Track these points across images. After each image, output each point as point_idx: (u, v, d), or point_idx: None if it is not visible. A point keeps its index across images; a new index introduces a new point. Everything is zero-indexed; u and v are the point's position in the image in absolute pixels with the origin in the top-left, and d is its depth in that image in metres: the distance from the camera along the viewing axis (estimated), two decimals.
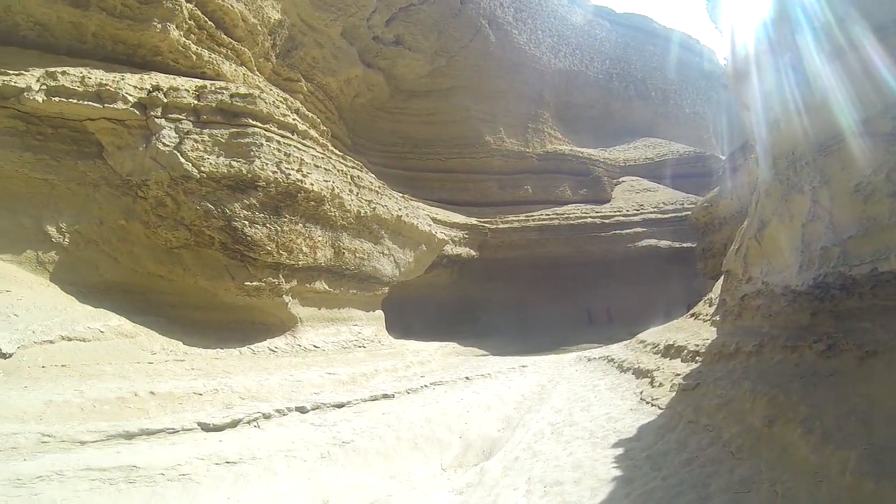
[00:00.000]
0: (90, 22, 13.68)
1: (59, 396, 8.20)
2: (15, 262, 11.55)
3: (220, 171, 12.22)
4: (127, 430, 7.82)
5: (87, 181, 12.30)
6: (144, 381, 9.55)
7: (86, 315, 10.63)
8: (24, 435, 7.01)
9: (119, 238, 12.37)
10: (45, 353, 9.24)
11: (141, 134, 12.31)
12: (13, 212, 12.02)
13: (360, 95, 27.76)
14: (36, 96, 12.02)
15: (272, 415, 9.68)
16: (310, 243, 14.18)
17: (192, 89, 13.11)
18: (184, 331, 12.13)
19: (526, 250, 32.24)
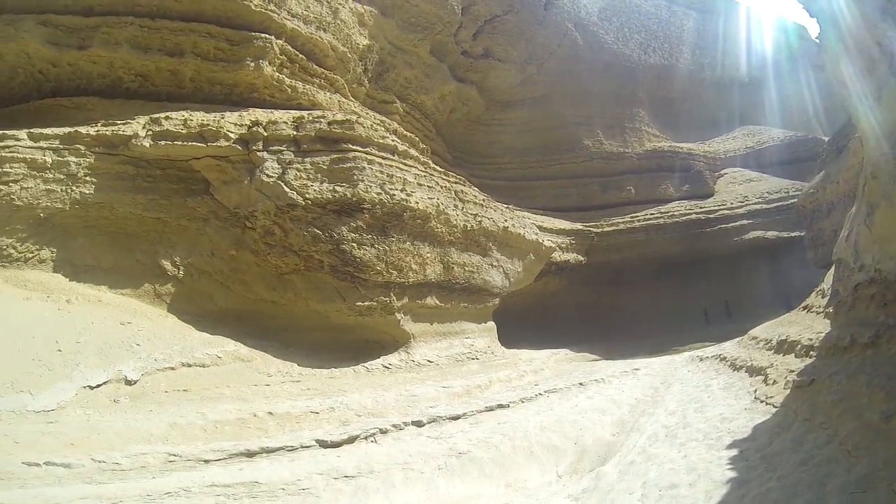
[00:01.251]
0: (186, 68, 14.58)
1: (183, 419, 8.66)
2: (134, 296, 12.48)
3: (325, 196, 12.45)
4: (248, 448, 8.11)
5: (196, 216, 12.92)
6: (262, 403, 9.84)
7: (203, 342, 11.21)
8: (152, 455, 7.44)
9: (231, 268, 12.88)
10: (168, 380, 9.87)
11: (245, 168, 12.75)
12: (130, 250, 12.91)
13: (455, 111, 27.86)
14: (143, 142, 12.85)
15: (389, 429, 9.76)
16: (419, 260, 14.20)
17: (291, 121, 13.48)
18: (298, 353, 12.46)
19: (633, 252, 31.41)
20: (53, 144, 13.37)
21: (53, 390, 8.95)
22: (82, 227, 13.16)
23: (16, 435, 7.64)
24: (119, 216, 12.93)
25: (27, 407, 8.47)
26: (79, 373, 9.45)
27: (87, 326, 10.95)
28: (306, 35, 15.99)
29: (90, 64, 15.04)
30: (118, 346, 10.42)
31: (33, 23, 15.27)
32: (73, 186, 13.01)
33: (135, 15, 14.94)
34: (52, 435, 7.77)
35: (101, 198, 12.96)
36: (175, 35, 14.75)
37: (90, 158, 13.14)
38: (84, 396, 9.01)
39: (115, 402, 9.13)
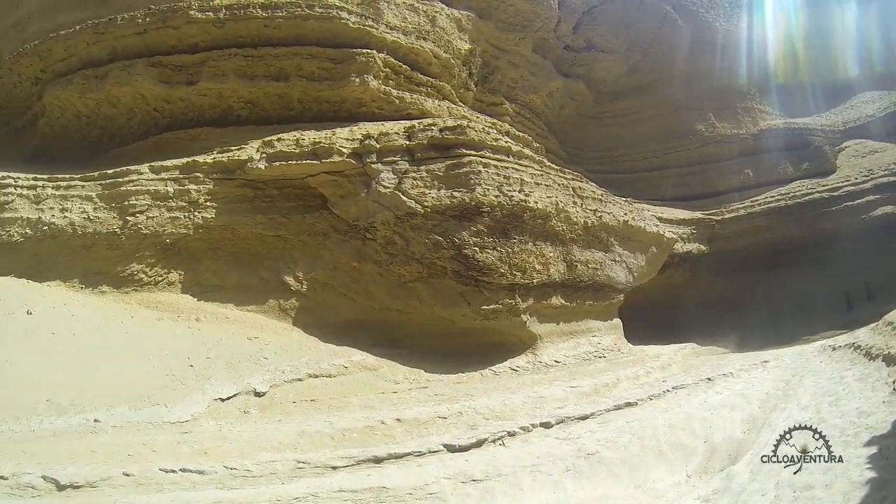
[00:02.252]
0: (293, 90, 15.09)
1: (311, 427, 8.92)
2: (260, 312, 13.06)
3: (444, 203, 12.46)
4: (376, 454, 8.13)
5: (316, 231, 13.32)
6: (390, 410, 9.93)
7: (329, 353, 11.62)
8: (281, 462, 7.65)
9: (353, 279, 13.16)
10: (295, 391, 10.25)
11: (361, 181, 13.00)
12: (254, 268, 13.51)
13: (564, 107, 27.47)
14: (258, 164, 13.35)
15: (517, 432, 9.62)
16: (542, 260, 13.96)
17: (402, 131, 13.66)
18: (425, 359, 12.54)
19: (756, 237, 30.00)
20: (174, 175, 14.17)
21: (187, 403, 9.48)
22: (207, 249, 13.83)
23: (153, 444, 8.13)
24: (241, 237, 13.49)
25: (163, 418, 9.04)
26: (210, 386, 9.98)
27: (216, 343, 11.69)
28: (407, 46, 16.19)
29: (201, 97, 15.79)
30: (246, 360, 10.97)
31: (144, 65, 16.24)
32: (195, 212, 13.69)
33: (237, 46, 15.60)
34: (187, 444, 8.19)
35: (222, 221, 13.55)
36: (278, 60, 15.25)
37: (209, 185, 13.77)
38: (215, 408, 9.51)
39: (245, 412, 9.59)
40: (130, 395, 9.62)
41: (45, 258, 15.18)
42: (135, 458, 7.70)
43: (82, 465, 7.46)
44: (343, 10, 15.42)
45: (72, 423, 8.91)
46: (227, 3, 15.66)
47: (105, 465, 7.49)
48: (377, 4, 16.08)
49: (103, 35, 17.12)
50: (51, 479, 7.13)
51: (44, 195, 15.38)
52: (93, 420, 8.93)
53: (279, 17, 15.33)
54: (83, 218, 14.63)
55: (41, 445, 8.26)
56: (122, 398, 9.51)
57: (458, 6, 18.84)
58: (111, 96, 16.89)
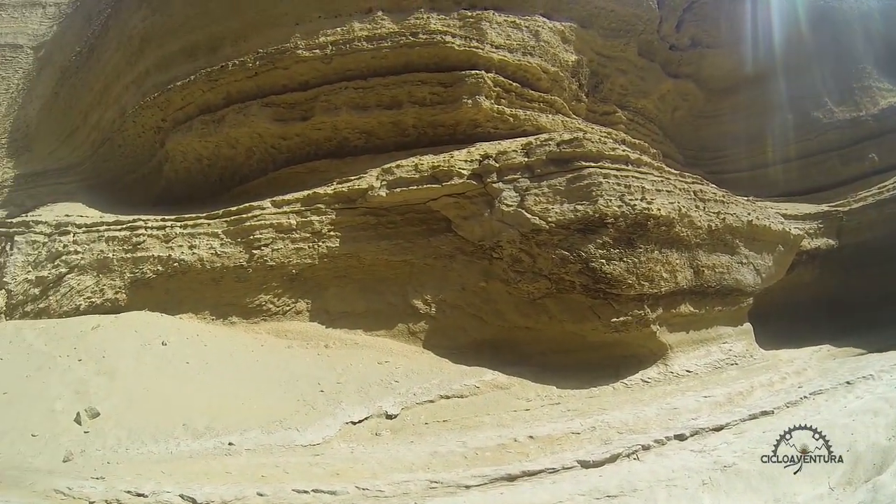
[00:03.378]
0: (407, 117, 15.43)
1: (443, 448, 9.02)
2: (389, 336, 13.37)
3: (567, 217, 12.38)
4: (509, 472, 8.12)
5: (441, 254, 13.46)
6: (522, 427, 9.92)
7: (460, 374, 11.73)
8: (414, 482, 7.76)
9: (482, 299, 13.17)
10: (427, 412, 10.40)
11: (483, 201, 13.10)
12: (381, 293, 13.83)
13: (677, 108, 26.80)
14: (379, 192, 13.72)
15: (651, 445, 9.45)
16: (669, 268, 13.67)
17: (520, 148, 13.64)
18: (556, 375, 12.38)
19: (888, 227, 27.42)
20: (296, 207, 14.79)
21: (318, 426, 9.81)
22: (333, 277, 14.29)
23: (286, 466, 8.45)
24: (366, 264, 13.88)
25: (295, 442, 9.40)
26: (341, 410, 10.30)
27: (346, 368, 12.13)
28: (514, 63, 16.28)
29: (316, 131, 16.41)
30: (377, 383, 11.26)
31: (258, 106, 17.01)
32: (319, 242, 14.24)
33: (347, 79, 16.09)
34: (319, 466, 8.45)
35: (346, 249, 13.98)
36: (389, 89, 15.63)
37: (331, 215, 14.30)
38: (347, 431, 9.75)
39: (376, 435, 9.74)
40: (263, 420, 10.04)
41: (177, 292, 16.15)
42: (268, 479, 8.03)
43: (217, 485, 7.87)
44: (447, 34, 15.69)
45: (207, 447, 9.45)
46: (332, 40, 16.18)
47: (239, 485, 7.85)
48: (479, 25, 16.24)
49: (217, 82, 18.02)
50: (188, 497, 7.56)
51: (172, 234, 16.40)
52: (227, 443, 9.42)
53: (385, 47, 15.72)
54: (211, 253, 15.43)
55: (178, 466, 8.82)
56: (255, 423, 9.96)
57: (558, 18, 18.75)
58: (229, 138, 17.72)
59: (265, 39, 17.49)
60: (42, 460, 9.84)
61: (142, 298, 16.83)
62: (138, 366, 13.21)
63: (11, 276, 20.10)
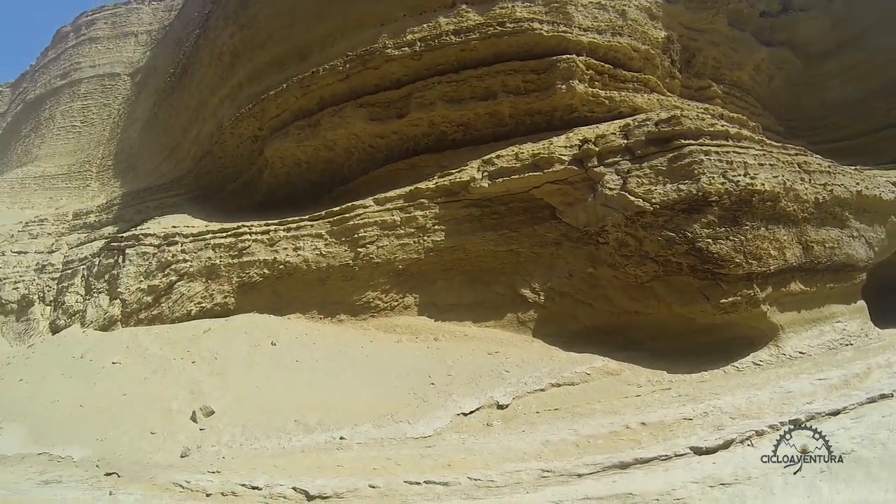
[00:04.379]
0: (502, 107, 15.41)
1: (555, 436, 8.96)
2: (499, 327, 13.41)
3: (671, 197, 12.24)
4: (621, 460, 8.05)
5: (547, 242, 13.40)
6: (634, 414, 9.80)
7: (570, 361, 11.64)
8: (526, 471, 7.77)
9: (589, 285, 13.03)
10: (538, 401, 10.36)
11: (585, 186, 13.02)
12: (488, 284, 13.87)
13: (773, 78, 25.68)
14: (481, 183, 13.82)
15: (765, 431, 9.11)
16: (776, 245, 13.27)
17: (618, 130, 13.53)
18: (666, 360, 12.23)
19: None
20: (399, 204, 15.08)
21: (429, 419, 10.02)
22: (439, 271, 14.48)
23: (397, 458, 8.67)
24: (473, 255, 13.98)
25: (406, 434, 9.64)
26: (452, 401, 10.48)
27: (456, 360, 12.26)
28: (605, 45, 16.13)
29: (412, 127, 16.66)
30: (488, 374, 11.36)
31: (353, 108, 17.39)
32: (423, 237, 14.47)
33: (439, 74, 16.30)
34: (430, 457, 8.62)
35: (452, 242, 14.15)
36: (482, 80, 15.73)
37: (435, 209, 14.52)
38: (458, 422, 9.89)
39: (487, 425, 9.79)
40: (374, 414, 10.33)
41: (284, 294, 16.68)
42: (380, 472, 8.25)
43: (330, 478, 8.14)
44: (534, 20, 15.66)
45: (319, 441, 9.84)
46: (420, 37, 16.41)
47: (351, 478, 8.08)
48: (565, 9, 16.18)
49: (309, 87, 18.56)
50: (300, 489, 7.90)
51: (277, 238, 17.01)
52: (339, 437, 9.76)
53: (473, 39, 15.81)
54: (316, 254, 15.90)
55: (291, 460, 9.23)
56: (366, 417, 10.27)
57: None
58: (327, 141, 18.21)
59: (352, 42, 17.90)
60: (161, 456, 10.58)
61: (250, 301, 17.52)
62: (249, 366, 13.95)
63: (125, 287, 21.29)
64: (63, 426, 13.43)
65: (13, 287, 31.93)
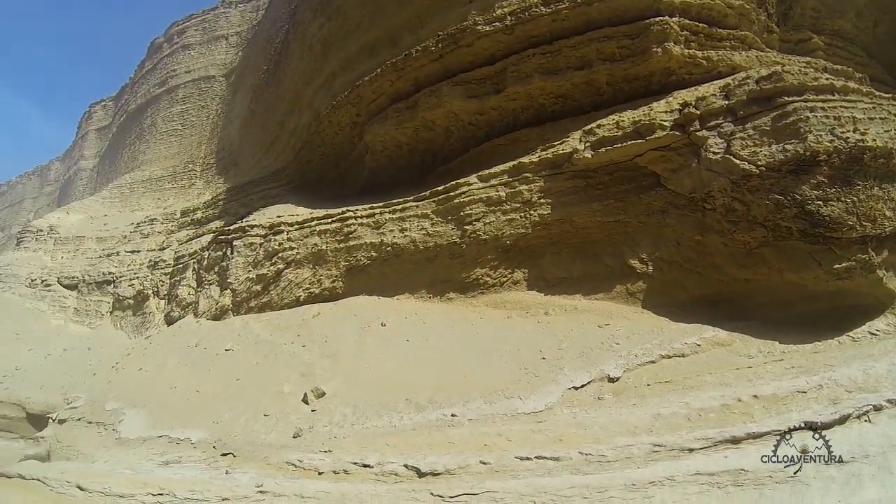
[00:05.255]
0: (599, 75, 15.36)
1: (666, 409, 8.94)
2: (608, 299, 13.42)
3: (777, 158, 11.95)
4: (733, 434, 7.95)
5: (653, 210, 13.26)
6: (745, 386, 9.63)
7: (680, 332, 11.48)
8: (637, 446, 7.86)
9: (697, 253, 12.87)
10: (648, 373, 10.33)
11: (688, 151, 12.84)
12: (596, 256, 13.91)
13: (878, 23, 23.65)
14: (584, 154, 13.84)
15: (883, 406, 8.72)
16: (891, 205, 12.54)
17: (718, 92, 13.26)
18: (777, 329, 11.91)
19: None
20: (503, 179, 15.28)
21: (540, 393, 10.21)
22: (547, 244, 14.60)
23: (508, 434, 8.91)
24: (580, 227, 14.04)
25: (517, 410, 9.83)
26: (563, 376, 10.63)
27: (566, 334, 12.39)
28: (697, 3, 15.75)
29: (510, 102, 16.79)
30: (598, 347, 11.42)
31: (449, 86, 17.67)
32: (530, 211, 14.62)
33: (533, 46, 16.36)
34: (541, 433, 8.79)
35: (558, 215, 14.25)
36: (576, 50, 15.68)
37: (539, 183, 14.64)
38: (569, 397, 10.01)
39: (598, 399, 9.85)
40: (485, 390, 10.62)
41: (392, 275, 17.29)
42: (490, 448, 8.52)
43: (441, 455, 8.52)
44: None
45: (430, 419, 10.23)
46: (509, 10, 16.49)
47: (462, 454, 8.42)
48: None
49: (403, 70, 19.05)
50: (412, 467, 8.32)
51: (382, 220, 17.63)
52: (450, 415, 10.10)
53: (563, 8, 15.75)
54: (423, 234, 16.36)
55: (402, 438, 9.66)
56: (476, 394, 10.56)
57: None
58: (425, 121, 18.69)
59: (442, 22, 18.24)
60: (274, 437, 11.34)
61: (358, 284, 18.27)
62: (359, 347, 14.60)
63: (234, 277, 22.52)
64: (181, 410, 14.65)
65: (129, 284, 34.27)
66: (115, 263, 38.36)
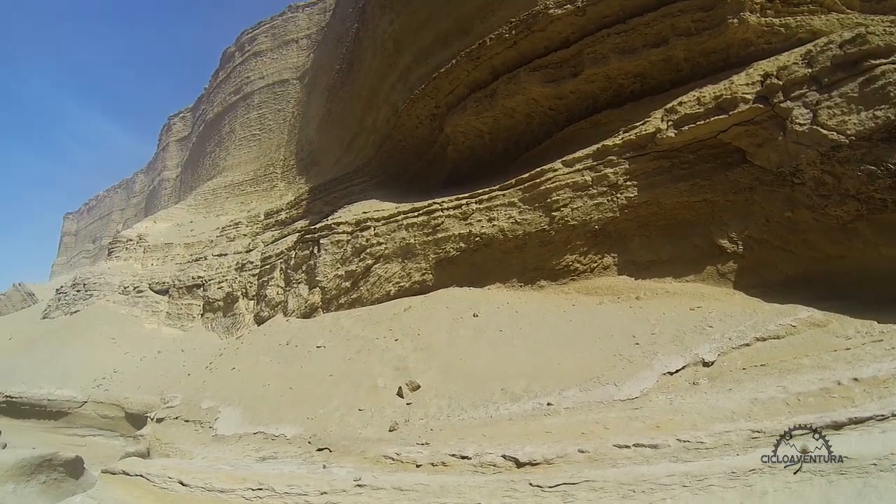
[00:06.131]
0: (676, 51, 15.27)
1: (763, 394, 8.82)
2: (698, 281, 13.38)
3: (867, 126, 11.42)
4: (834, 420, 7.74)
5: (741, 187, 13.09)
6: (845, 369, 9.29)
7: (774, 313, 11.28)
8: (735, 432, 7.78)
9: (788, 230, 12.56)
10: (743, 356, 10.19)
11: (773, 124, 12.55)
12: (684, 237, 13.87)
13: None
14: (667, 133, 13.84)
15: None
16: None
17: (799, 59, 12.83)
18: (875, 308, 11.20)
19: None
20: (587, 164, 15.39)
21: (636, 379, 10.31)
22: (636, 227, 14.67)
23: (605, 422, 9.01)
24: (667, 208, 14.08)
25: (613, 397, 9.96)
26: (657, 361, 10.68)
27: (659, 318, 12.48)
28: None
29: (589, 84, 16.93)
30: (691, 330, 11.41)
31: (526, 73, 17.89)
32: (616, 194, 14.71)
33: (606, 27, 16.45)
34: (638, 420, 8.84)
35: (645, 197, 14.32)
36: (651, 27, 15.69)
37: (624, 165, 14.72)
38: (664, 382, 10.06)
39: (693, 384, 9.83)
40: (580, 378, 10.85)
41: (482, 265, 17.66)
42: (588, 436, 8.69)
43: (538, 445, 8.72)
44: None
45: (525, 408, 10.49)
46: None
47: (560, 443, 8.60)
48: None
49: (479, 59, 19.39)
50: (510, 457, 8.53)
51: (469, 211, 18.03)
52: (545, 404, 10.34)
53: None
54: (511, 223, 16.68)
55: (499, 429, 9.93)
56: (572, 381, 10.81)
57: None
58: (505, 109, 19.01)
59: (513, 9, 18.45)
60: (370, 431, 11.82)
61: (448, 276, 18.81)
62: (452, 339, 15.02)
63: (323, 275, 23.48)
64: (275, 407, 15.34)
65: (218, 287, 35.91)
66: (204, 267, 40.41)
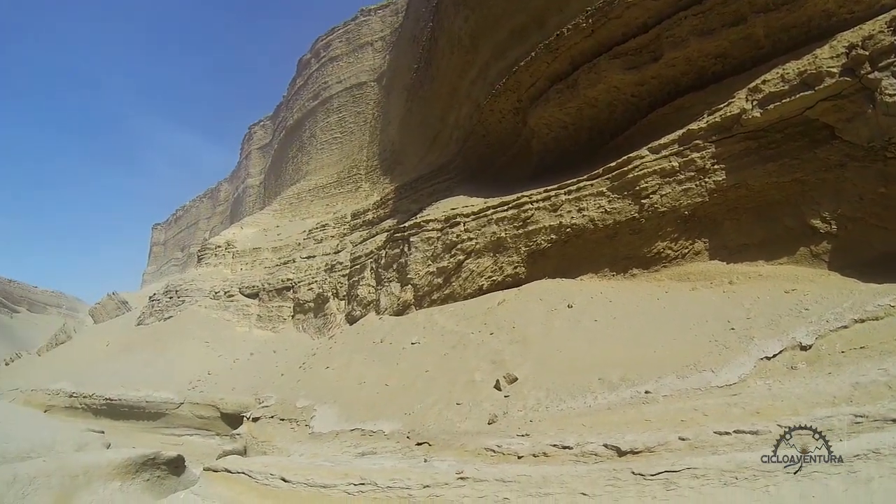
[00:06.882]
0: (755, 28, 15.14)
1: (864, 377, 8.47)
2: (792, 263, 13.34)
3: None
4: None
5: (831, 165, 12.91)
6: None
7: (872, 293, 10.92)
8: (837, 417, 7.58)
9: (882, 206, 12.22)
10: (842, 339, 9.86)
11: (862, 97, 12.23)
12: (774, 219, 13.87)
13: None
14: (752, 114, 13.83)
15: None
16: None
17: (885, 27, 12.32)
18: None
19: None
20: (674, 149, 15.52)
21: (733, 365, 10.26)
22: (725, 211, 14.70)
23: (704, 408, 8.96)
24: (756, 190, 14.06)
25: (710, 383, 9.97)
26: (754, 346, 10.59)
27: (753, 302, 12.40)
28: None
29: (670, 68, 17.00)
30: (787, 314, 11.27)
31: (606, 61, 18.16)
32: (705, 179, 14.81)
33: (683, 9, 16.50)
34: (737, 406, 8.75)
35: (734, 180, 14.37)
36: (727, 5, 15.56)
37: (711, 148, 14.78)
38: (762, 367, 9.96)
39: (792, 368, 9.67)
40: (676, 365, 10.97)
41: (573, 256, 18.07)
42: (687, 424, 8.60)
43: (638, 433, 8.82)
44: None
45: (623, 397, 10.72)
46: None
47: (660, 431, 8.65)
48: None
49: (557, 51, 19.78)
50: (611, 446, 8.64)
51: (559, 202, 18.45)
52: (643, 392, 10.55)
53: None
54: (601, 212, 17.02)
55: (598, 418, 10.12)
56: (668, 369, 10.95)
57: None
58: (587, 98, 19.30)
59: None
60: (469, 424, 12.26)
61: (540, 268, 19.30)
62: (547, 330, 15.39)
63: (414, 272, 24.37)
64: (371, 404, 15.96)
65: (308, 288, 37.39)
66: (293, 270, 41.89)
